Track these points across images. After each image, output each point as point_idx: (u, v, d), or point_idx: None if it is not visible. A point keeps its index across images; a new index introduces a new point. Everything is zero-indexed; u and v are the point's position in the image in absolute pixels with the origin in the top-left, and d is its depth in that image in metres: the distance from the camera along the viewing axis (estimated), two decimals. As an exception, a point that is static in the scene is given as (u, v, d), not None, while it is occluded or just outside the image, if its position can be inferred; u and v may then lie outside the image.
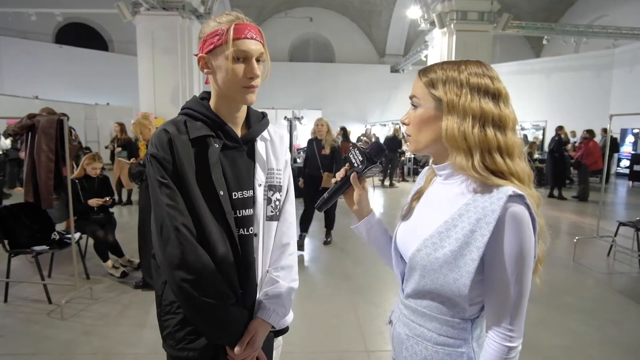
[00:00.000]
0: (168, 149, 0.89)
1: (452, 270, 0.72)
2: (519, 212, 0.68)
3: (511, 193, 0.68)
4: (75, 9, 10.91)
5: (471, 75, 0.74)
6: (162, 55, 8.07)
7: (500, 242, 0.68)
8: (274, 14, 15.82)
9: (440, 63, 0.79)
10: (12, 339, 2.44)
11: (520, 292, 0.71)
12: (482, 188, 0.72)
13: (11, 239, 2.98)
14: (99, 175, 3.60)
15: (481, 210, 0.69)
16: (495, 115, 0.72)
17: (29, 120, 2.68)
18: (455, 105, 0.73)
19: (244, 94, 0.92)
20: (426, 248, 0.75)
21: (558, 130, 7.92)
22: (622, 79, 11.74)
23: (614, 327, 2.69)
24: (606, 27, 10.67)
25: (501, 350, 0.72)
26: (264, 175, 1.00)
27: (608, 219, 5.53)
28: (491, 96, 0.73)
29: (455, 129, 0.72)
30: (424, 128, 0.78)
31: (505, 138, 0.72)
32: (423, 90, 0.78)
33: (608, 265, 3.99)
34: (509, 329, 0.72)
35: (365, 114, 16.07)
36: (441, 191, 0.81)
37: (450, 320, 0.76)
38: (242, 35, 0.88)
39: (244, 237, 0.96)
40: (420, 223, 0.81)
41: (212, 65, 0.92)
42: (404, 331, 0.84)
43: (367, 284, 3.40)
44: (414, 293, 0.81)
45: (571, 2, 14.35)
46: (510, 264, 0.69)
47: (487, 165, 0.71)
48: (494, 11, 8.55)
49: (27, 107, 8.97)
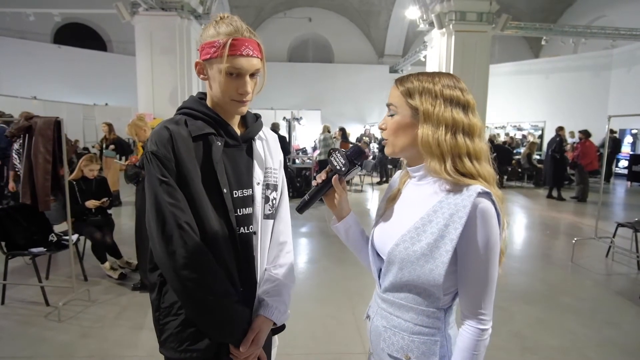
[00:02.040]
0: (169, 146, 0.89)
1: (428, 261, 0.78)
2: (487, 207, 0.76)
3: (480, 190, 0.76)
4: (74, 9, 10.88)
5: (444, 87, 0.81)
6: (161, 55, 8.04)
7: (471, 234, 0.76)
8: (272, 14, 15.79)
9: (415, 74, 0.86)
10: (9, 342, 2.43)
11: (490, 278, 0.78)
12: (453, 187, 0.79)
13: (8, 241, 2.97)
14: (96, 176, 3.59)
15: (453, 207, 0.77)
16: (465, 124, 0.80)
17: (26, 122, 2.67)
18: (430, 115, 0.80)
19: (234, 106, 0.94)
20: (404, 242, 0.81)
21: (558, 130, 7.92)
22: (621, 79, 11.76)
23: (612, 329, 2.69)
24: (604, 28, 10.66)
25: (476, 333, 0.79)
26: (262, 174, 1.01)
27: (607, 219, 5.53)
28: (462, 107, 0.81)
29: (430, 136, 0.79)
30: (400, 134, 0.85)
31: (473, 144, 0.80)
32: (400, 99, 0.84)
33: (606, 266, 3.99)
34: (482, 312, 0.79)
35: (364, 115, 16.06)
36: (415, 191, 0.88)
37: (426, 310, 0.82)
38: (238, 52, 0.89)
39: (244, 235, 0.97)
40: (398, 221, 0.87)
41: (207, 73, 0.94)
42: (382, 324, 0.89)
43: (365, 285, 3.40)
44: (391, 286, 0.86)
45: (569, 2, 14.36)
46: (480, 253, 0.76)
47: (458, 169, 0.79)
48: (493, 12, 8.53)
49: (25, 108, 8.92)
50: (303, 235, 4.99)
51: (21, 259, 2.99)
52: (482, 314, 0.79)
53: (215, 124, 0.95)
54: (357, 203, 7.55)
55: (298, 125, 10.87)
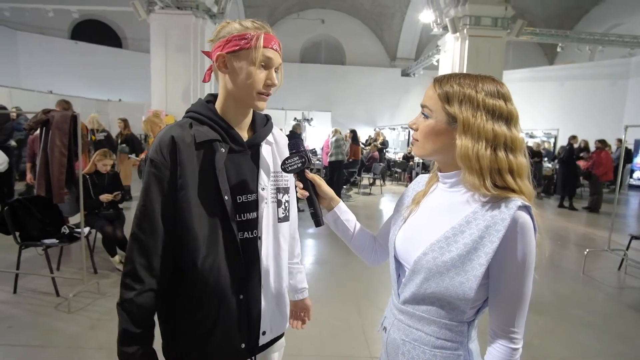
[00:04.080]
0: (169, 152, 0.89)
1: (459, 273, 0.74)
2: (527, 222, 0.72)
3: (520, 204, 0.72)
4: (91, 6, 11.09)
5: (487, 95, 0.76)
6: (175, 53, 8.14)
7: (509, 248, 0.72)
8: (286, 15, 15.86)
9: (457, 76, 0.80)
10: (20, 331, 2.47)
11: (525, 296, 0.75)
12: (491, 198, 0.75)
13: (22, 232, 3.03)
14: (109, 171, 3.64)
15: (490, 219, 0.73)
16: (507, 138, 0.75)
17: (43, 116, 2.72)
18: (470, 126, 0.75)
19: (257, 99, 0.94)
20: (432, 252, 0.77)
21: (571, 139, 7.82)
22: (638, 88, 11.53)
23: (623, 343, 2.64)
24: (622, 36, 10.48)
25: (507, 352, 0.76)
26: (267, 179, 1.01)
27: (619, 231, 5.42)
28: (504, 120, 0.76)
29: (469, 149, 0.74)
30: (432, 138, 0.81)
31: (516, 160, 0.75)
32: (436, 103, 0.79)
33: (619, 279, 3.92)
34: (514, 331, 0.76)
35: (375, 117, 16.01)
36: (445, 198, 0.83)
37: (449, 323, 0.79)
38: (269, 45, 0.92)
39: (247, 240, 0.97)
40: (426, 228, 0.83)
41: (230, 66, 0.92)
42: (400, 336, 0.85)
43: (373, 287, 3.39)
44: (412, 298, 0.82)
45: (587, 9, 14.16)
46: (517, 269, 0.73)
47: (497, 185, 0.75)
48: (508, 17, 8.44)
49: (41, 101, 9.13)
50: (310, 236, 4.99)
51: (33, 249, 3.04)
52: (514, 332, 0.76)
53: (220, 130, 0.95)
54: (364, 206, 7.53)
55: (308, 127, 10.89)
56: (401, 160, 11.48)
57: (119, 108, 11.99)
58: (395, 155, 12.84)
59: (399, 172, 11.40)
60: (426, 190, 0.91)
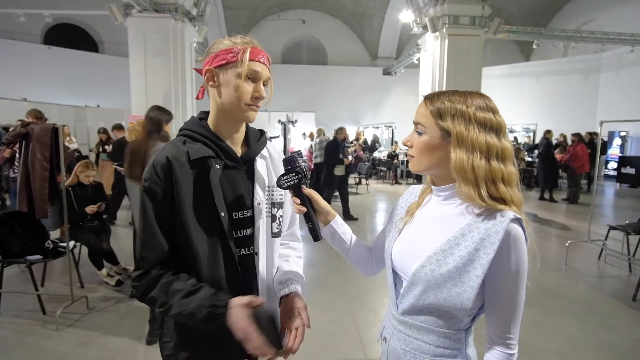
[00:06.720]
0: (163, 172, 0.90)
1: (456, 285, 0.78)
2: (519, 234, 0.76)
3: (512, 217, 0.76)
4: (65, 10, 10.74)
5: (477, 110, 0.80)
6: (154, 57, 7.96)
7: (503, 260, 0.76)
8: (266, 16, 15.76)
9: (446, 93, 0.83)
10: (5, 352, 2.39)
11: (519, 303, 0.80)
12: (484, 211, 0.78)
13: (3, 249, 2.93)
14: (92, 182, 3.56)
15: (484, 231, 0.76)
16: (498, 149, 0.79)
17: (23, 129, 2.63)
18: (464, 139, 0.78)
19: (246, 111, 0.94)
20: (430, 264, 0.80)
21: (546, 134, 8.13)
22: (609, 82, 11.99)
23: (607, 331, 2.75)
24: (594, 32, 10.85)
25: (505, 358, 0.80)
26: (263, 194, 1.01)
27: (598, 221, 5.63)
28: (495, 131, 0.80)
29: (464, 161, 0.78)
30: (427, 153, 0.84)
31: (506, 169, 0.79)
32: (429, 119, 0.82)
33: (599, 269, 4.07)
34: (510, 337, 0.80)
35: (358, 116, 16.10)
36: (439, 210, 0.86)
37: (447, 332, 0.82)
38: (256, 58, 0.92)
39: (244, 256, 0.98)
40: (421, 240, 0.85)
41: (218, 80, 0.93)
42: (400, 346, 0.88)
43: (365, 290, 3.42)
44: (411, 309, 0.85)
45: (559, 6, 14.59)
46: (511, 279, 0.77)
47: (492, 194, 0.78)
48: (485, 16, 8.62)
49: (15, 110, 8.75)
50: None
51: (15, 267, 2.94)
52: (510, 339, 0.80)
53: (214, 146, 0.95)
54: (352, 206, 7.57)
55: (292, 128, 10.84)
56: (386, 158, 11.59)
57: (97, 114, 11.67)
58: (379, 153, 12.94)
59: (384, 170, 11.51)
60: (420, 202, 0.93)
